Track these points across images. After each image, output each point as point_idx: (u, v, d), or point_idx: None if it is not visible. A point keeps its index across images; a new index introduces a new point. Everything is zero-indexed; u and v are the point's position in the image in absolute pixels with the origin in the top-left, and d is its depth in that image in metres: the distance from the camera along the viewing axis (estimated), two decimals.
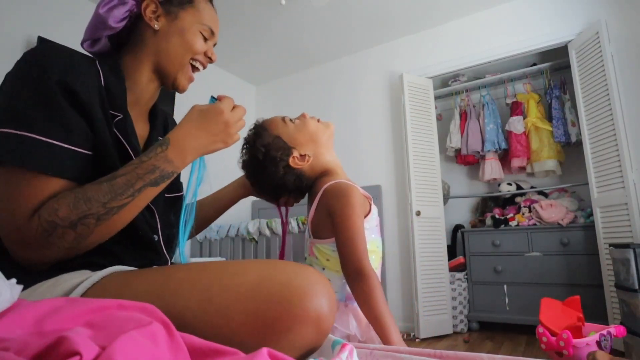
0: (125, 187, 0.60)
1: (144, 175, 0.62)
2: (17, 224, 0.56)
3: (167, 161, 0.64)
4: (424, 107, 3.08)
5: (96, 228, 0.58)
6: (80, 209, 0.57)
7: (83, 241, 0.58)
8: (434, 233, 2.90)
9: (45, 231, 0.55)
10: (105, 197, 0.58)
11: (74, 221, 0.56)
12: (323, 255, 0.93)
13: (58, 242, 0.56)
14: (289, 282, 0.53)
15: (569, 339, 1.38)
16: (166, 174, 0.65)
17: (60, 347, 0.31)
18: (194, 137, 0.67)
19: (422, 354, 0.62)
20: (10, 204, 0.56)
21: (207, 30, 0.81)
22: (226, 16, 2.94)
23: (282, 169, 0.93)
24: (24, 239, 0.56)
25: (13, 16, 2.30)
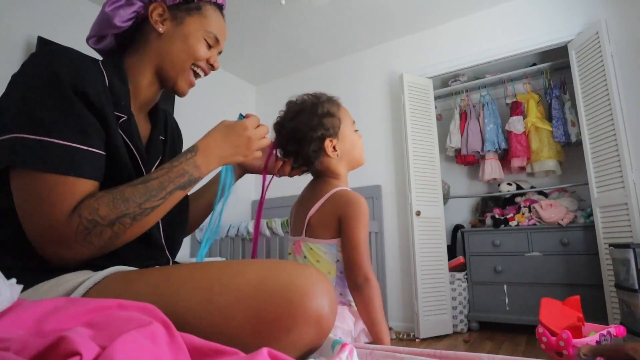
0: (159, 189, 0.64)
1: (175, 178, 0.66)
2: (55, 224, 0.57)
3: (195, 166, 0.69)
4: (424, 107, 3.08)
5: (130, 228, 0.61)
6: (119, 208, 0.60)
7: (116, 240, 0.61)
8: (434, 233, 2.90)
9: (85, 229, 0.58)
10: (141, 198, 0.62)
11: (112, 220, 0.59)
12: (314, 255, 0.94)
13: (95, 240, 0.58)
14: (289, 281, 0.53)
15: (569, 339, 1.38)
16: (193, 179, 0.69)
17: (60, 347, 0.31)
18: (219, 147, 0.73)
19: (422, 354, 0.62)
20: (44, 206, 0.57)
21: (211, 38, 0.81)
22: (226, 16, 2.94)
23: (315, 137, 0.94)
24: (63, 237, 0.57)
25: (13, 16, 2.30)
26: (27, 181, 0.58)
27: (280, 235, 2.88)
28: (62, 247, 0.58)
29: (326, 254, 0.92)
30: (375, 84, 3.40)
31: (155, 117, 0.86)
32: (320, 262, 0.93)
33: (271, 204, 3.63)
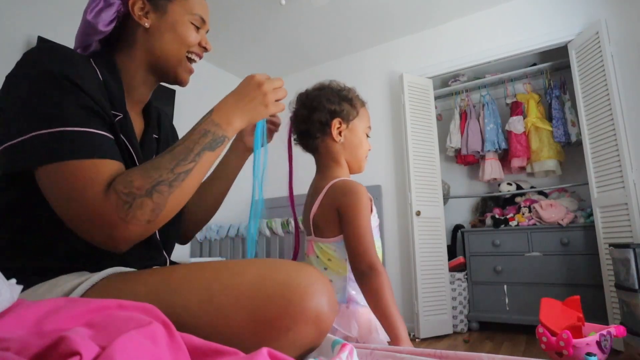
0: (186, 152, 0.63)
1: (198, 139, 0.65)
2: (94, 207, 0.56)
3: (215, 124, 0.68)
4: (424, 107, 3.08)
5: (170, 196, 0.60)
6: (152, 177, 0.59)
7: (160, 211, 0.59)
8: (434, 233, 2.90)
9: (125, 203, 0.56)
10: (171, 164, 0.61)
11: (149, 189, 0.58)
12: (325, 254, 0.92)
13: (139, 214, 0.57)
14: (288, 281, 0.53)
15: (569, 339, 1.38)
16: (218, 138, 0.67)
17: (60, 347, 0.31)
18: (234, 102, 0.72)
19: (422, 354, 0.62)
20: (77, 193, 0.57)
21: (198, 20, 0.79)
22: (226, 16, 2.95)
23: (327, 109, 0.94)
24: (106, 218, 0.56)
25: (13, 16, 2.30)
26: (56, 175, 0.57)
27: (280, 235, 2.88)
28: (111, 230, 0.56)
29: (336, 252, 0.91)
30: (375, 84, 3.39)
31: (148, 115, 0.85)
32: (331, 260, 0.91)
33: (271, 204, 3.63)
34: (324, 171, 0.99)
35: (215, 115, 0.69)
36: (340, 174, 0.97)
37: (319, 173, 1.01)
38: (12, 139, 0.57)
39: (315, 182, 1.01)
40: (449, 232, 3.39)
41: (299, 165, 1.03)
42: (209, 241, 3.25)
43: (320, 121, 0.95)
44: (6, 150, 0.58)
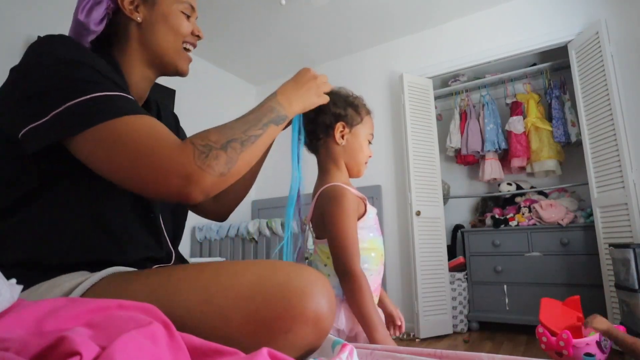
0: (256, 121, 0.68)
1: (266, 113, 0.71)
2: (171, 157, 0.57)
3: (279, 103, 0.74)
4: (424, 107, 3.08)
5: (241, 154, 0.63)
6: (226, 134, 0.63)
7: (232, 166, 0.62)
8: (434, 233, 2.90)
9: (202, 153, 0.59)
10: (243, 127, 0.66)
11: (224, 144, 0.61)
12: (324, 254, 0.95)
13: (214, 164, 0.59)
14: (287, 282, 0.53)
15: (569, 339, 1.38)
16: (282, 115, 0.73)
17: (60, 347, 0.31)
18: (294, 89, 0.80)
19: (422, 354, 0.62)
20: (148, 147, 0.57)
21: (187, 8, 0.78)
22: (226, 16, 2.95)
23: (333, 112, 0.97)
24: (184, 165, 0.57)
25: (13, 16, 2.30)
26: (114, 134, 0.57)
27: (280, 235, 2.88)
28: (188, 178, 0.57)
29: None
30: (375, 84, 3.39)
31: (148, 110, 0.84)
32: (330, 258, 0.94)
33: (271, 204, 3.63)
34: (322, 175, 1.02)
35: (279, 96, 0.76)
36: (337, 177, 0.99)
37: (318, 176, 1.03)
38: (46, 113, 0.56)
39: (315, 185, 1.03)
40: (449, 232, 3.39)
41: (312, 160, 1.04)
42: (209, 241, 3.25)
43: (324, 123, 0.98)
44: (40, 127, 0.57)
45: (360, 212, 0.96)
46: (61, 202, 0.62)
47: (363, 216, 0.96)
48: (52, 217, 0.62)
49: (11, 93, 0.61)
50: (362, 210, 0.97)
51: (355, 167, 1.03)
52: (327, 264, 0.95)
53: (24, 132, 0.57)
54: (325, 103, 0.87)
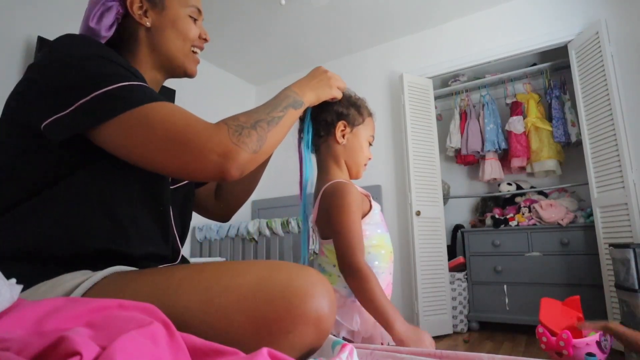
0: (276, 105, 0.73)
1: (284, 99, 0.75)
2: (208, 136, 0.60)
3: (293, 92, 0.79)
4: (424, 107, 3.08)
5: (268, 132, 0.67)
6: (252, 116, 0.68)
7: (262, 143, 0.66)
8: (434, 233, 2.90)
9: (235, 131, 0.63)
10: (266, 110, 0.71)
11: (252, 123, 0.66)
12: (332, 254, 0.93)
13: (247, 141, 0.63)
14: (289, 282, 0.53)
15: (569, 339, 1.38)
16: (298, 100, 0.78)
17: (61, 347, 0.31)
18: (306, 81, 0.85)
19: (422, 354, 0.62)
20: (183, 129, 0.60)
21: (195, 12, 0.80)
22: (226, 16, 2.94)
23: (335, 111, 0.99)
24: (221, 143, 0.60)
25: (13, 16, 2.30)
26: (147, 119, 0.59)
27: (280, 235, 2.88)
28: (225, 155, 0.60)
29: None
30: (375, 84, 3.40)
31: None
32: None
33: (271, 204, 3.63)
34: (322, 174, 1.01)
35: (294, 86, 0.81)
36: (338, 175, 0.98)
37: (318, 175, 1.02)
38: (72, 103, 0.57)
39: (315, 185, 1.02)
40: (449, 232, 3.39)
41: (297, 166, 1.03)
42: (209, 241, 3.25)
43: (326, 120, 0.98)
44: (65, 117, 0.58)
45: (365, 209, 0.96)
46: (72, 192, 0.62)
47: (369, 212, 0.95)
48: (60, 205, 0.62)
49: (32, 87, 0.61)
50: (367, 207, 0.96)
51: (354, 168, 1.02)
52: (335, 264, 0.93)
53: (47, 123, 0.58)
54: (339, 97, 0.91)
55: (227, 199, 0.98)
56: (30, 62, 2.34)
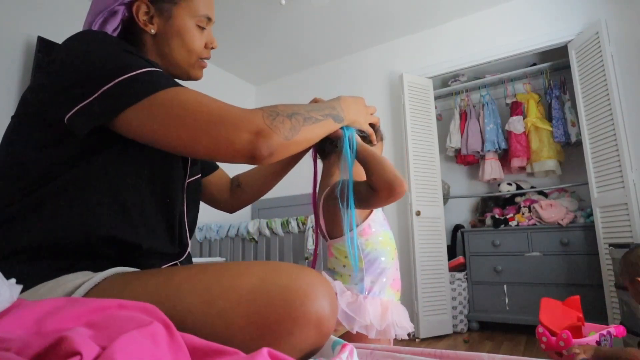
0: (319, 108, 0.74)
1: (328, 107, 0.77)
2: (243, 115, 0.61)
3: (340, 106, 0.81)
4: (424, 107, 3.08)
5: (302, 127, 0.68)
6: (291, 109, 0.68)
7: (294, 133, 0.66)
8: (434, 233, 2.90)
9: (269, 116, 0.64)
10: (307, 108, 0.72)
11: (289, 113, 0.67)
12: (341, 253, 0.96)
13: (280, 127, 0.64)
14: (289, 284, 0.53)
15: (569, 339, 1.38)
16: (340, 116, 0.79)
17: (61, 347, 0.31)
18: (353, 101, 0.87)
19: (422, 354, 0.62)
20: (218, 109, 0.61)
21: (204, 21, 0.78)
22: (226, 16, 2.94)
23: None
24: (255, 122, 0.61)
25: (13, 16, 2.30)
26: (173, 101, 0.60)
27: (280, 235, 2.88)
28: (257, 134, 0.61)
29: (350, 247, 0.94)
30: (375, 84, 3.40)
31: None
32: (348, 257, 0.94)
33: (271, 204, 3.63)
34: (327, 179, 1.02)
35: (342, 102, 0.82)
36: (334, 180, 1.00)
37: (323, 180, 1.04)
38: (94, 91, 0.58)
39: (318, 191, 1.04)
40: (449, 232, 3.39)
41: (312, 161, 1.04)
42: (209, 241, 3.25)
43: None
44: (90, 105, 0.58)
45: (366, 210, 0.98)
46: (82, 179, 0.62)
47: (371, 213, 0.98)
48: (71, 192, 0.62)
49: (53, 81, 0.61)
50: None
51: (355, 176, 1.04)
52: (345, 264, 0.95)
53: (71, 114, 0.59)
54: (368, 132, 0.93)
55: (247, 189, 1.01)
56: (30, 62, 2.34)
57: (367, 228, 0.96)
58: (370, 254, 0.94)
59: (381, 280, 0.95)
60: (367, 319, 0.87)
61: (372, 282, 0.94)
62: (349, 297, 0.91)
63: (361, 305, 0.90)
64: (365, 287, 0.93)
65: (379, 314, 0.90)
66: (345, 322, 0.87)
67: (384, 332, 0.90)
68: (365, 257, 0.94)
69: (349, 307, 0.88)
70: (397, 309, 0.95)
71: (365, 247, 0.94)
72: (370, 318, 0.88)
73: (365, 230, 0.96)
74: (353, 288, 0.93)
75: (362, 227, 0.96)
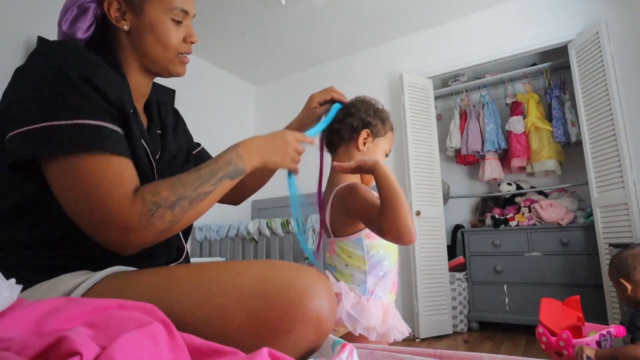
0: (210, 175, 0.66)
1: (223, 166, 0.68)
2: (118, 208, 0.56)
3: (239, 156, 0.71)
4: (424, 107, 3.08)
5: (187, 212, 0.62)
6: (178, 191, 0.61)
7: (176, 224, 0.61)
8: (434, 233, 2.90)
9: (149, 211, 0.58)
10: (196, 183, 0.64)
11: (173, 202, 0.60)
12: (345, 252, 0.96)
13: (157, 223, 0.59)
14: (289, 282, 0.53)
15: (569, 339, 1.38)
16: (239, 170, 0.71)
17: (61, 347, 0.31)
18: (259, 144, 0.76)
19: (422, 354, 0.62)
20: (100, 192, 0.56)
21: (179, 14, 0.74)
22: (226, 16, 2.94)
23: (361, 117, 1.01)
24: (128, 220, 0.57)
25: (13, 16, 2.30)
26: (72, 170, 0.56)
27: (280, 235, 2.88)
28: (128, 232, 0.57)
29: (355, 248, 0.95)
30: (375, 84, 3.39)
31: (150, 110, 0.83)
32: (352, 257, 0.95)
33: (271, 204, 3.63)
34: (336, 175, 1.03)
35: (241, 148, 0.73)
36: (351, 179, 1.00)
37: (330, 177, 1.05)
38: (21, 127, 0.56)
39: (327, 186, 1.05)
40: (449, 232, 3.39)
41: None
42: (209, 241, 3.25)
43: (351, 125, 1.02)
44: (15, 138, 0.56)
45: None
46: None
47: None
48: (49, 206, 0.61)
49: (10, 95, 0.61)
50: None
51: (366, 177, 1.05)
52: (348, 263, 0.96)
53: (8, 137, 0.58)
54: (290, 168, 0.84)
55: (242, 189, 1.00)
56: None
57: None
58: (375, 257, 0.95)
59: (383, 283, 0.95)
60: (370, 321, 0.88)
61: (375, 284, 0.94)
62: (352, 298, 0.91)
63: (364, 306, 0.90)
64: (368, 289, 0.93)
65: (380, 316, 0.90)
66: (348, 323, 0.87)
67: (383, 335, 0.90)
68: (370, 259, 0.94)
69: (353, 309, 0.89)
70: (395, 312, 0.96)
71: (371, 249, 0.95)
72: (373, 320, 0.88)
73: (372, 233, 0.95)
74: (355, 289, 0.93)
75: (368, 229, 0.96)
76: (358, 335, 0.87)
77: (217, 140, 3.72)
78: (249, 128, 4.03)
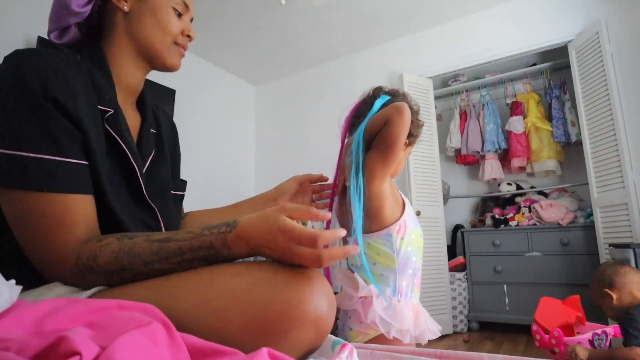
0: (175, 253, 0.56)
1: (197, 248, 0.56)
2: (53, 254, 0.56)
3: (225, 246, 0.56)
4: (424, 107, 3.08)
5: (125, 282, 0.57)
6: (120, 262, 0.55)
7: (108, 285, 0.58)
8: (434, 233, 2.90)
9: (80, 272, 0.56)
10: (150, 258, 0.55)
11: (110, 271, 0.55)
12: (373, 250, 0.92)
13: (87, 281, 0.57)
14: (287, 282, 0.52)
15: (560, 336, 1.39)
16: (220, 257, 0.57)
17: (61, 347, 0.31)
18: (257, 236, 0.55)
19: (422, 354, 0.62)
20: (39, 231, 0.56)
21: (180, 5, 0.75)
22: (226, 16, 2.94)
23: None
24: (56, 273, 0.57)
25: (13, 16, 2.30)
26: (16, 204, 0.56)
27: None
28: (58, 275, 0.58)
29: (384, 245, 0.91)
30: (375, 84, 3.37)
31: (143, 107, 0.81)
32: (380, 254, 0.92)
33: None
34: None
35: (233, 235, 0.55)
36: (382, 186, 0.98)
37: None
38: None
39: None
40: (449, 232, 3.39)
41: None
42: None
43: None
44: None
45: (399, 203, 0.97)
46: None
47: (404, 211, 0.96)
48: None
49: None
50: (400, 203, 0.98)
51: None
52: (376, 261, 0.92)
53: None
54: None
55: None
56: None
57: (404, 225, 0.92)
58: (404, 255, 0.91)
59: (413, 281, 0.92)
60: (405, 324, 0.85)
61: (405, 285, 0.91)
62: (383, 300, 0.88)
63: (396, 308, 0.87)
64: (398, 289, 0.90)
65: (413, 318, 0.88)
66: (382, 326, 0.85)
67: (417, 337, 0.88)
68: (399, 257, 0.90)
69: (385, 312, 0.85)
70: (424, 312, 0.93)
71: (401, 247, 0.90)
72: (406, 323, 0.86)
73: (402, 228, 0.92)
74: (386, 290, 0.90)
75: (399, 223, 0.92)
76: (392, 339, 0.85)
77: (217, 140, 3.73)
78: (249, 128, 4.03)
